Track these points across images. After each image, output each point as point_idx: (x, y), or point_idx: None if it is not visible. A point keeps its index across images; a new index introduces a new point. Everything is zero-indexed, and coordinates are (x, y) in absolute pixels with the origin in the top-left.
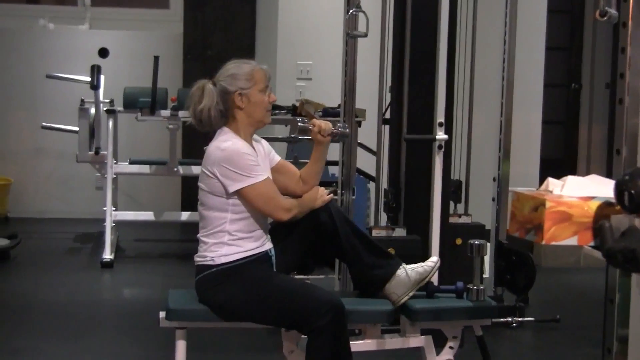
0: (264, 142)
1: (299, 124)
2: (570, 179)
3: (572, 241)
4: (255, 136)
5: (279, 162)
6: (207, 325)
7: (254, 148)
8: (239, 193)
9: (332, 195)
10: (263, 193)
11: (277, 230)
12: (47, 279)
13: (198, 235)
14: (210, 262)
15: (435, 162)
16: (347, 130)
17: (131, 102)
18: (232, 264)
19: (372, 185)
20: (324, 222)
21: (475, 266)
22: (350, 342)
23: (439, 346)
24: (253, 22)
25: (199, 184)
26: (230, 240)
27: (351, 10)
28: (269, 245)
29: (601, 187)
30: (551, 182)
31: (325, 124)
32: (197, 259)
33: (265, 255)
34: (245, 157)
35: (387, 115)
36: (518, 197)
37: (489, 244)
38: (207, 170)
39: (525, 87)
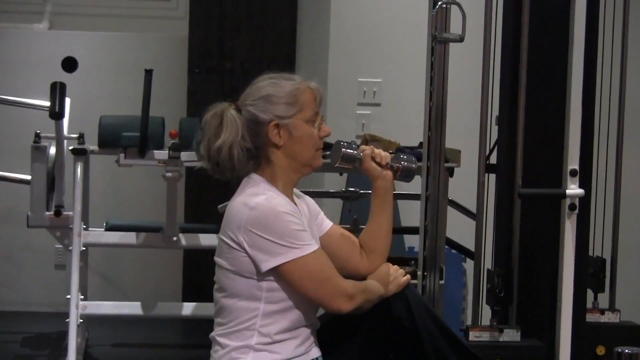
0: (308, 199)
1: (343, 148)
2: None
3: None
4: (295, 190)
5: (331, 230)
6: None
7: (296, 205)
8: (277, 272)
9: (409, 277)
10: (314, 271)
11: (327, 329)
12: None
13: (212, 334)
14: None
15: (566, 229)
16: (414, 165)
17: (110, 138)
18: None
19: (469, 265)
20: (397, 317)
21: None
22: None
23: None
24: (294, 20)
25: (216, 258)
26: (260, 344)
27: (440, 3)
28: (315, 353)
29: None
30: None
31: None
32: None
33: None
34: (285, 219)
35: (493, 160)
36: None
37: None
38: (229, 238)
39: None
